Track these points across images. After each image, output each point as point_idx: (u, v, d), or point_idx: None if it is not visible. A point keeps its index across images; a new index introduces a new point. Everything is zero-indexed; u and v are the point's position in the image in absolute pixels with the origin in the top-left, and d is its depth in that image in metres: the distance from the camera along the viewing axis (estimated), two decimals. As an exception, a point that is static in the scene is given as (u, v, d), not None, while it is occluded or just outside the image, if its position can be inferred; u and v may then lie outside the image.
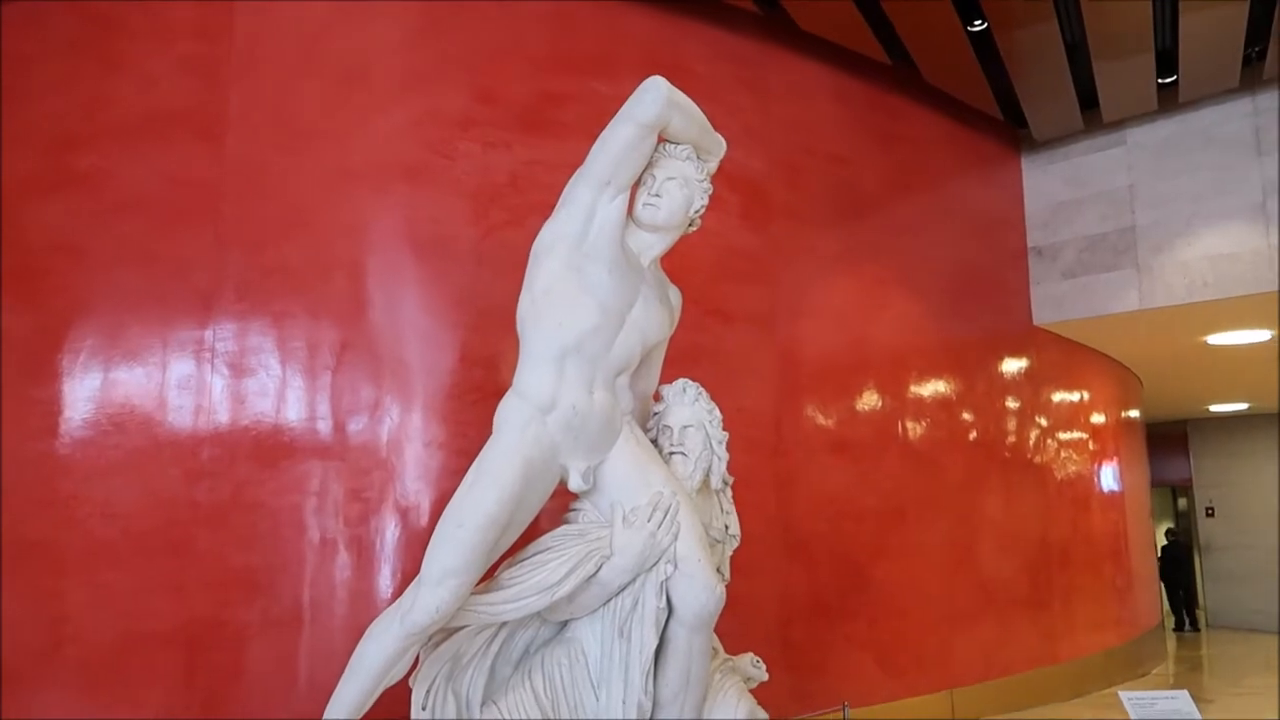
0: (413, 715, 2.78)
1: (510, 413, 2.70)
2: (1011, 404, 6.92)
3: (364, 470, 4.29)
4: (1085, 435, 7.91)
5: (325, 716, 2.68)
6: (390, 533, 4.27)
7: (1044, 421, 7.25)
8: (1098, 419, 8.17)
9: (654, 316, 2.85)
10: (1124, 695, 2.21)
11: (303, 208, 4.39)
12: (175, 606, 4.07)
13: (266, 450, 4.21)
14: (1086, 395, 8.01)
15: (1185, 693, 2.13)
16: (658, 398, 3.06)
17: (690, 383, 2.99)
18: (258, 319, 4.32)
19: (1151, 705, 2.13)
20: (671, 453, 2.90)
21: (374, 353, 4.41)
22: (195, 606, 4.07)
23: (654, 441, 2.95)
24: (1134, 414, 9.29)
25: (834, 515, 5.44)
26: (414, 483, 4.35)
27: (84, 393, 4.27)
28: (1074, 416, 7.78)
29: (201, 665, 4.04)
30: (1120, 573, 8.16)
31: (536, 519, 2.83)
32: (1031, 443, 7.06)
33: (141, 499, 4.13)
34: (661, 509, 2.68)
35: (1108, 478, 8.24)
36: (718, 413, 2.98)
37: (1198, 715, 2.08)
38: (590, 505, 2.81)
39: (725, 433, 2.96)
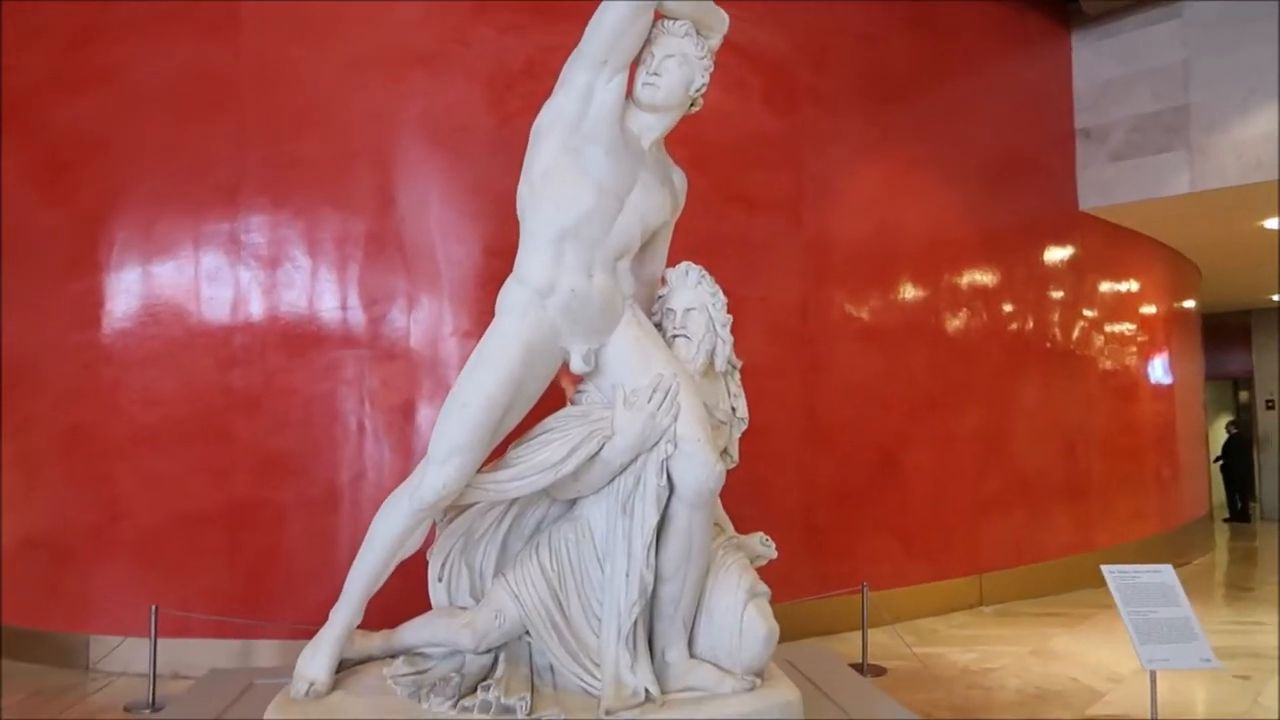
0: (429, 586, 2.93)
1: (510, 297, 2.75)
2: (1054, 294, 6.79)
3: (391, 358, 4.41)
4: (1133, 326, 7.74)
5: (345, 588, 2.82)
6: (418, 418, 4.41)
7: (1089, 312, 7.11)
8: (1148, 309, 7.98)
9: (655, 199, 2.84)
10: (1105, 569, 2.24)
11: (321, 99, 4.42)
12: (216, 489, 4.29)
13: (295, 340, 4.35)
14: (1136, 285, 7.82)
15: (1169, 567, 2.14)
16: (663, 282, 3.07)
17: (693, 266, 2.99)
18: (283, 211, 4.41)
19: (1134, 578, 2.16)
20: (674, 336, 2.92)
21: (399, 244, 4.48)
22: (235, 489, 4.29)
23: (658, 325, 2.97)
24: (1189, 304, 9.05)
25: (862, 403, 5.46)
26: (440, 370, 4.46)
27: (120, 285, 4.44)
28: (1121, 307, 7.61)
29: (243, 544, 4.27)
30: (1166, 464, 8.09)
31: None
32: (1074, 333, 6.95)
33: (178, 387, 4.32)
34: (661, 390, 2.72)
35: (1157, 369, 8.10)
36: (721, 296, 2.98)
37: (1179, 589, 2.09)
38: (594, 388, 2.87)
39: (729, 315, 2.97)
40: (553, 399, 2.89)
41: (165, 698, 3.83)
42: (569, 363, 2.80)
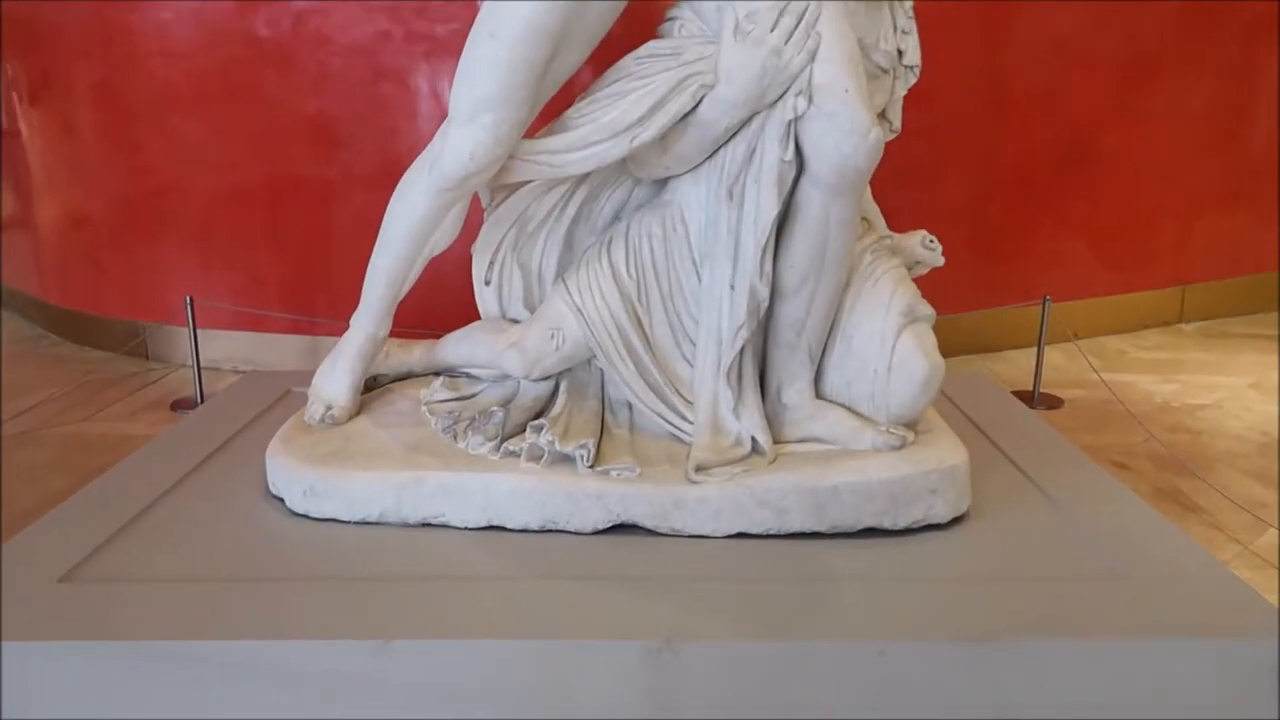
0: (475, 290, 2.26)
1: None
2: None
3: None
4: None
5: (364, 288, 2.20)
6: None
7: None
8: None
9: None
10: None
11: None
12: (252, 160, 3.68)
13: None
14: None
15: None
16: None
17: None
18: None
19: None
20: (817, -70, 1.94)
21: None
22: (275, 161, 3.66)
23: (794, -84, 1.99)
24: None
25: (1060, 66, 4.31)
26: (513, 14, 3.56)
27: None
28: None
29: (288, 225, 3.72)
30: None
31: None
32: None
33: (197, 33, 3.58)
34: (792, 15, 1.82)
35: None
36: None
37: None
38: (691, 13, 1.98)
39: (904, -99, 1.96)
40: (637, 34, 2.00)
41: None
42: (653, -29, 1.89)
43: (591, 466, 1.89)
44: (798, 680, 1.52)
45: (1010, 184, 4.29)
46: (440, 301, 2.63)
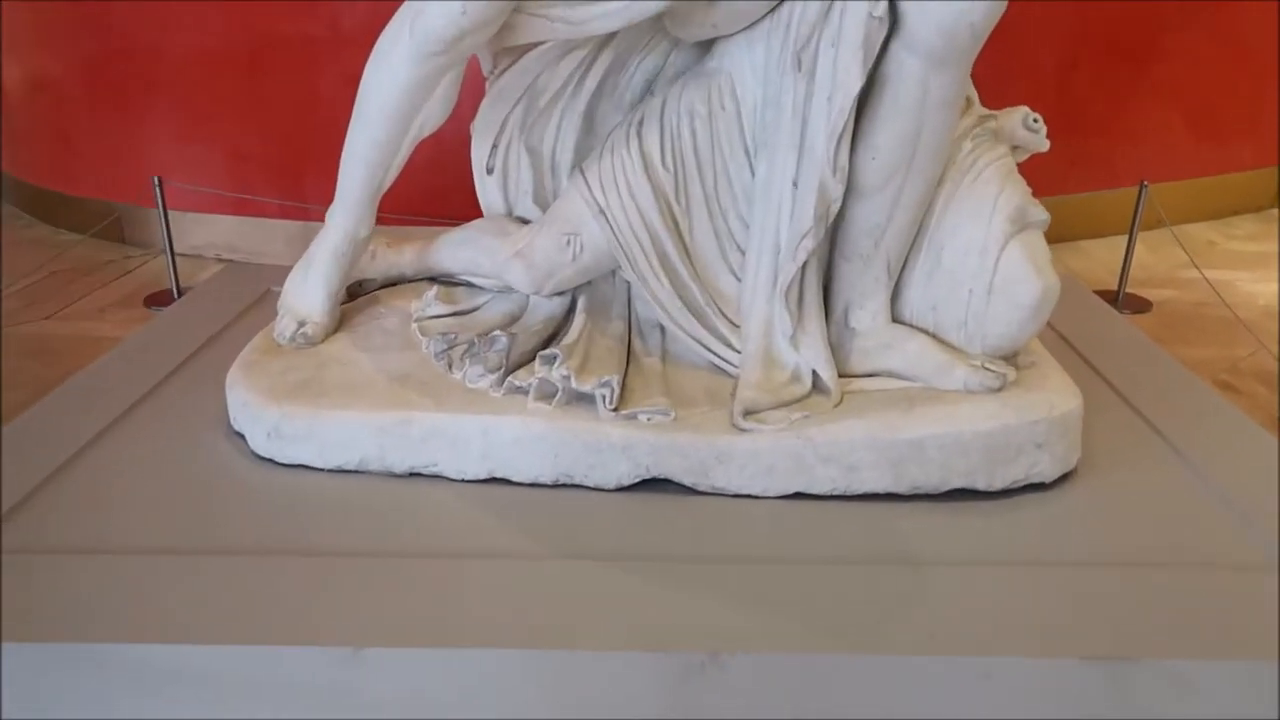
0: (475, 179, 1.88)
1: None
2: None
3: None
4: None
5: (339, 178, 1.81)
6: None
7: None
8: None
9: None
10: None
11: None
12: (228, 14, 3.21)
13: None
14: None
15: None
16: None
17: None
18: None
19: None
20: None
21: None
22: (252, 15, 3.20)
23: None
24: None
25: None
26: None
27: None
28: None
29: (270, 91, 3.28)
30: None
31: None
32: None
33: None
34: None
35: None
36: None
37: None
38: None
39: None
40: None
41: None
42: None
43: (615, 409, 1.53)
44: (878, 707, 1.20)
45: (1098, 48, 3.77)
46: (441, 185, 2.23)
